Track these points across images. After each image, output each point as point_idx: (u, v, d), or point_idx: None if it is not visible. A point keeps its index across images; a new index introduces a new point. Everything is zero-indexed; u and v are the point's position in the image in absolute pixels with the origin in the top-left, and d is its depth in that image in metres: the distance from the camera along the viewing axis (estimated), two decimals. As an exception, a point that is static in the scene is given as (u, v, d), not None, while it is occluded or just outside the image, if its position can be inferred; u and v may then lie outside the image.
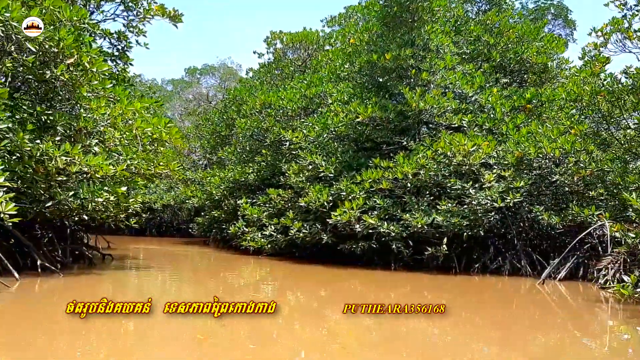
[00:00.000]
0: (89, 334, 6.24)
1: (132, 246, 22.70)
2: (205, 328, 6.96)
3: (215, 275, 14.08)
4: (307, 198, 14.79)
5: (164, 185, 34.59)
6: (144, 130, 11.07)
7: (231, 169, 21.25)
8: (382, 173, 14.05)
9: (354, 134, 16.34)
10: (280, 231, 16.77)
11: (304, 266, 15.20)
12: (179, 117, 45.12)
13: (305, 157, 15.74)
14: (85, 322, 6.45)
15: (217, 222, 23.03)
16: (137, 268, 13.37)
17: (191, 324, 7.02)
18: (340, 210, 13.69)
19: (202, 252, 20.56)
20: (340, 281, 13.12)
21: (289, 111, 18.97)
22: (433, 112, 15.29)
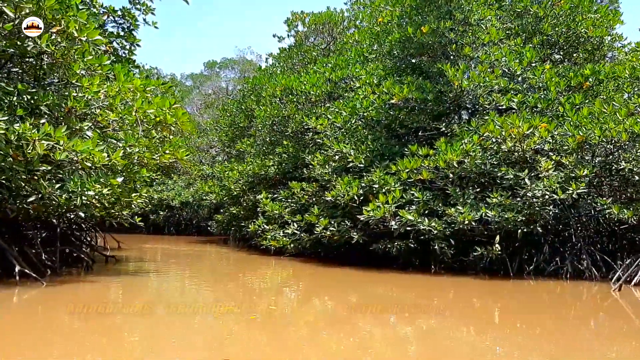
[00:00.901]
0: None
1: (146, 246, 21.27)
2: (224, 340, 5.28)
3: (233, 278, 12.44)
4: (335, 191, 13.04)
5: (182, 181, 33.27)
6: (145, 112, 9.44)
7: (250, 161, 19.61)
8: (421, 162, 12.21)
9: (386, 119, 14.51)
10: (304, 229, 15.06)
11: (330, 268, 13.47)
12: (197, 111, 43.80)
13: (332, 146, 13.98)
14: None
15: (236, 219, 21.46)
16: (139, 273, 11.56)
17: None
18: (373, 205, 11.91)
19: (219, 252, 19.00)
20: (373, 285, 11.36)
21: (312, 97, 17.22)
22: (477, 93, 13.39)
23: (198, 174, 32.21)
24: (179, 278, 11.48)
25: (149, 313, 7.33)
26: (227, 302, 8.78)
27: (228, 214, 22.31)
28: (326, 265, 14.10)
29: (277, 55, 21.30)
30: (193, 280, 11.51)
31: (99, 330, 6.02)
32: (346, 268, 13.37)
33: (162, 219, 32.73)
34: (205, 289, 10.61)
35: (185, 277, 11.67)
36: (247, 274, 13.24)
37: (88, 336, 5.82)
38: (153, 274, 10.98)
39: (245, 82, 22.43)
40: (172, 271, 12.15)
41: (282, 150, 18.07)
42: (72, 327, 6.40)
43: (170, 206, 32.53)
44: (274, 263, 15.06)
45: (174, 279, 11.15)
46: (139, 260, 14.18)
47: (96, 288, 9.10)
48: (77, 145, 7.83)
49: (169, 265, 13.33)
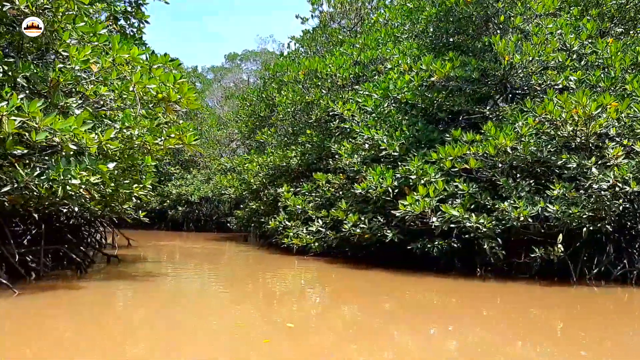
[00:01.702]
0: None
1: (160, 243, 19.99)
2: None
3: (251, 280, 10.95)
4: (365, 183, 11.44)
5: (201, 176, 32.04)
6: (145, 87, 7.98)
7: (270, 152, 18.13)
8: (467, 149, 10.53)
9: (423, 102, 12.83)
10: (330, 226, 13.50)
11: (360, 270, 11.88)
12: (218, 103, 42.59)
13: (362, 133, 12.37)
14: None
15: (256, 215, 20.03)
16: (138, 277, 9.66)
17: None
18: (411, 199, 10.28)
19: (236, 251, 17.58)
20: (409, 290, 9.76)
21: (339, 80, 15.63)
22: (529, 70, 11.63)
23: (218, 168, 30.94)
24: (186, 285, 9.72)
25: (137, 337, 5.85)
26: (245, 308, 7.30)
27: (248, 210, 20.94)
28: (354, 266, 12.54)
29: (300, 38, 19.74)
30: (205, 286, 10.07)
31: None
32: (377, 270, 11.78)
33: (180, 214, 31.56)
34: (222, 294, 9.15)
35: (194, 284, 9.85)
36: (267, 276, 11.75)
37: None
38: (155, 278, 9.37)
39: (266, 69, 20.95)
40: (179, 274, 10.52)
41: (305, 139, 16.53)
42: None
43: (189, 201, 31.33)
44: (296, 263, 13.55)
45: (177, 287, 9.49)
46: (145, 260, 12.78)
47: (72, 301, 7.45)
48: (56, 123, 6.39)
49: (178, 266, 11.78)
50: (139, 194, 8.92)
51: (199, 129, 33.77)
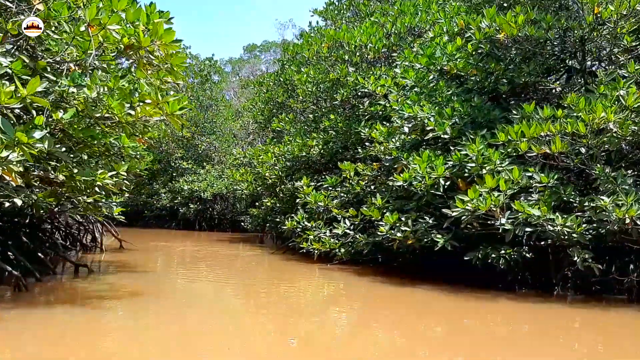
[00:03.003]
0: None
1: (161, 244, 17.63)
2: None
3: (264, 293, 8.41)
4: (408, 173, 8.84)
5: (215, 171, 29.73)
6: (104, 28, 5.51)
7: (288, 141, 15.63)
8: (548, 127, 7.85)
9: (480, 73, 10.20)
10: (360, 228, 10.95)
11: (398, 284, 9.27)
12: (234, 95, 40.33)
13: (402, 110, 9.77)
14: None
15: (272, 213, 17.57)
16: (94, 301, 6.58)
17: None
18: (474, 193, 7.64)
19: (247, 256, 15.07)
20: (465, 313, 7.13)
21: (370, 53, 13.05)
22: (618, 29, 8.91)
23: (233, 162, 28.55)
24: (159, 319, 6.12)
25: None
26: (252, 337, 4.82)
27: (264, 208, 18.53)
28: (390, 277, 9.94)
29: (322, 10, 17.20)
30: (189, 317, 7.55)
31: None
32: (421, 284, 9.18)
33: (192, 213, 29.28)
34: (222, 322, 6.67)
35: (174, 323, 5.83)
36: (281, 287, 9.20)
37: None
38: (117, 304, 6.66)
39: (284, 49, 18.48)
40: (160, 295, 7.55)
41: (328, 124, 13.98)
42: None
43: (201, 199, 29.04)
44: (317, 272, 11.00)
45: (142, 321, 6.04)
46: (129, 269, 10.26)
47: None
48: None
49: (167, 279, 8.93)
50: (103, 182, 6.47)
51: (214, 122, 31.54)
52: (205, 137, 31.30)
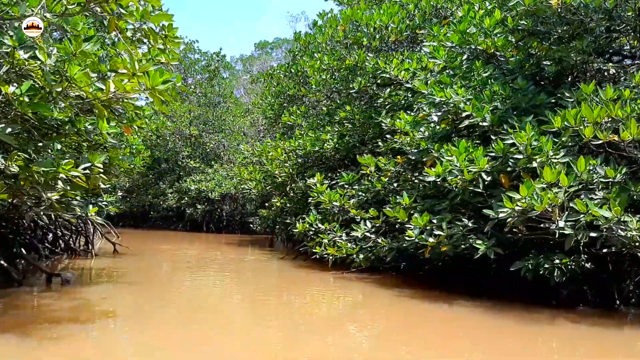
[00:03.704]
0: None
1: (162, 247, 16.34)
2: None
3: (272, 309, 7.04)
4: (442, 167, 7.44)
5: (224, 170, 28.49)
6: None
7: (299, 136, 14.29)
8: (618, 108, 6.41)
9: (520, 53, 8.80)
10: (382, 230, 9.56)
11: (428, 298, 7.86)
12: (245, 92, 39.14)
13: (432, 95, 8.38)
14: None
15: (282, 214, 16.26)
16: (50, 323, 5.26)
17: None
18: (527, 190, 6.21)
19: (254, 261, 13.75)
20: (512, 336, 5.71)
21: (391, 34, 11.68)
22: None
23: (243, 161, 27.28)
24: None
25: None
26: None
27: (274, 208, 17.24)
28: (417, 289, 8.55)
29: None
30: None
31: None
32: (456, 298, 7.78)
33: (200, 214, 28.06)
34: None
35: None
36: (292, 298, 7.83)
37: None
38: (76, 333, 4.95)
39: (296, 38, 17.17)
40: (132, 319, 5.90)
41: (344, 115, 12.61)
42: None
43: (209, 199, 27.81)
44: (332, 281, 9.64)
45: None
46: (114, 280, 8.94)
47: None
48: None
49: (150, 294, 7.39)
50: (69, 175, 5.18)
51: (223, 119, 30.30)
52: (213, 134, 30.10)
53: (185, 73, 31.53)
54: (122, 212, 33.79)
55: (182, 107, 28.49)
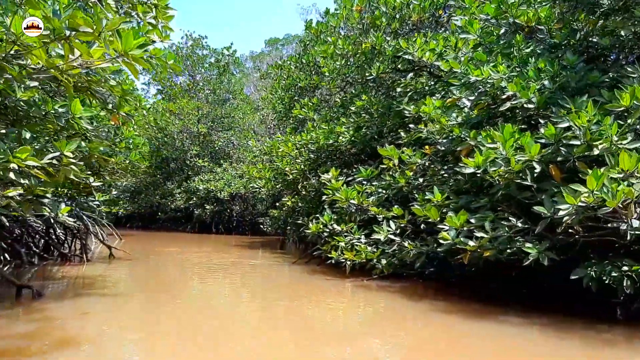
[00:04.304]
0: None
1: (165, 250, 15.28)
2: None
3: (281, 322, 5.91)
4: (481, 157, 6.24)
5: (233, 169, 27.44)
6: None
7: (311, 129, 13.14)
8: None
9: (566, 25, 7.58)
10: (408, 233, 8.37)
11: (468, 313, 6.66)
12: (255, 89, 38.12)
13: (467, 74, 7.20)
14: None
15: (294, 214, 15.16)
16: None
17: None
18: (595, 182, 5.00)
19: (262, 265, 12.62)
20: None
21: (412, 14, 10.49)
22: None
23: (252, 159, 26.24)
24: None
25: None
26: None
27: (285, 208, 16.16)
28: (452, 299, 7.35)
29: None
30: None
31: None
32: (500, 311, 6.57)
33: (208, 214, 27.02)
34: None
35: None
36: (305, 310, 6.69)
37: None
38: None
39: (307, 27, 16.03)
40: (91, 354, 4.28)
41: (361, 104, 11.44)
42: None
43: (218, 199, 26.77)
44: (350, 289, 8.48)
45: None
46: (94, 290, 7.83)
47: None
48: None
49: (132, 313, 5.95)
50: (22, 165, 4.09)
51: (232, 116, 29.26)
52: (222, 132, 29.06)
53: (193, 69, 30.57)
54: (130, 214, 33.01)
55: (190, 104, 27.49)
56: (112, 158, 10.52)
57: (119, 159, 10.59)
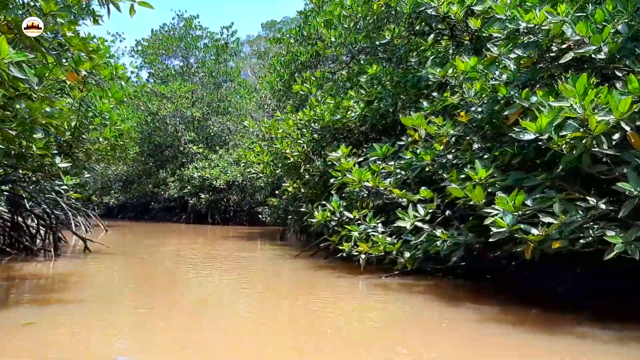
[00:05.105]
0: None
1: (152, 242, 13.83)
2: None
3: (285, 327, 4.49)
4: (545, 119, 4.75)
5: (229, 156, 25.94)
6: None
7: (315, 104, 11.64)
8: None
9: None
10: (438, 219, 6.89)
11: (529, 326, 5.23)
12: (251, 73, 36.55)
13: (518, 19, 5.70)
14: None
15: (295, 202, 13.72)
16: None
17: None
18: None
19: (259, 259, 11.19)
20: None
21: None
22: None
23: (250, 145, 24.77)
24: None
25: None
26: None
27: (285, 195, 14.76)
28: (500, 302, 5.92)
29: None
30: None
31: None
32: (575, 322, 5.14)
33: (204, 204, 25.56)
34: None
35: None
36: (312, 312, 5.24)
37: None
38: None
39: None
40: None
41: (374, 72, 9.95)
42: None
43: (214, 188, 25.30)
44: (366, 288, 7.06)
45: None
46: (41, 296, 6.39)
47: None
48: None
49: (76, 324, 4.49)
50: None
51: (228, 100, 27.70)
52: (217, 117, 27.53)
53: (187, 51, 28.97)
54: (122, 204, 31.57)
55: (183, 86, 25.92)
56: (85, 134, 9.05)
57: (92, 135, 9.12)
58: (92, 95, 9.30)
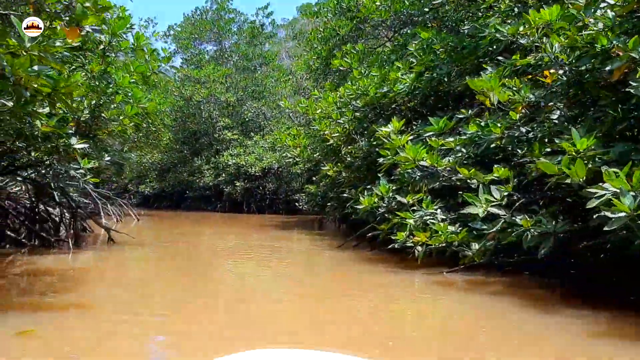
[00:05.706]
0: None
1: (183, 231, 13.04)
2: None
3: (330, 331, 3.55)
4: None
5: (265, 142, 25.02)
6: None
7: (357, 77, 10.48)
8: None
9: None
10: (517, 204, 5.66)
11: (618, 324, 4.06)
12: (287, 58, 35.49)
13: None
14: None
15: (335, 187, 12.63)
16: None
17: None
18: None
19: (297, 251, 10.19)
20: None
21: None
22: None
23: (285, 131, 23.74)
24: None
25: None
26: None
27: (324, 182, 13.80)
28: (608, 308, 4.73)
29: None
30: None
31: None
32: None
33: (239, 192, 24.78)
34: None
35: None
36: (358, 312, 4.19)
37: None
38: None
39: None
40: None
41: (426, 37, 8.72)
42: None
43: (249, 175, 24.48)
44: (424, 285, 5.98)
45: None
46: (47, 296, 5.45)
47: None
48: None
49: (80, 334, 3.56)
50: None
51: (264, 84, 26.76)
52: (252, 102, 26.64)
53: (220, 36, 28.14)
54: (158, 193, 31.16)
55: (217, 70, 25.11)
56: (104, 112, 8.18)
57: (111, 114, 8.23)
58: (113, 71, 8.44)
